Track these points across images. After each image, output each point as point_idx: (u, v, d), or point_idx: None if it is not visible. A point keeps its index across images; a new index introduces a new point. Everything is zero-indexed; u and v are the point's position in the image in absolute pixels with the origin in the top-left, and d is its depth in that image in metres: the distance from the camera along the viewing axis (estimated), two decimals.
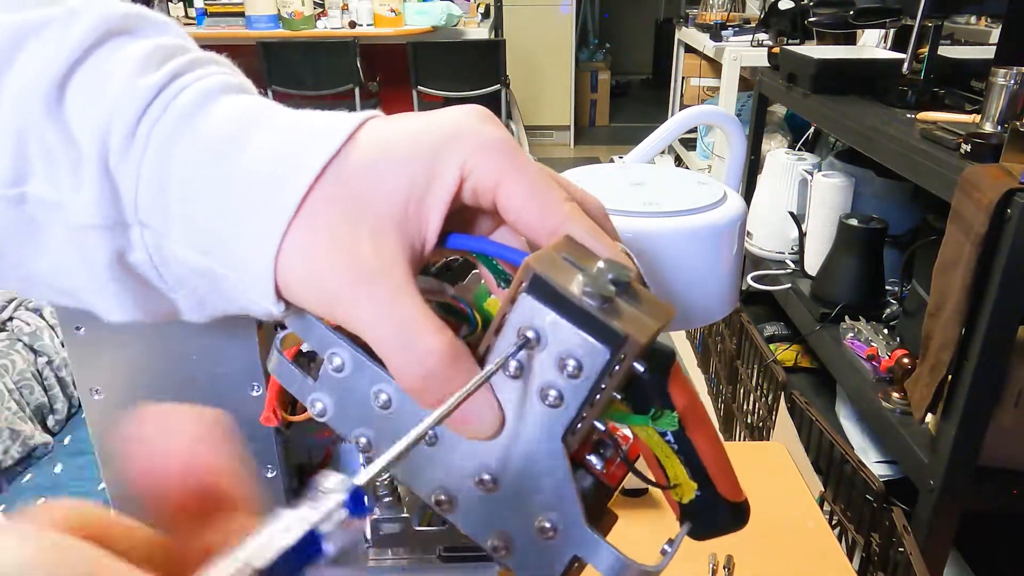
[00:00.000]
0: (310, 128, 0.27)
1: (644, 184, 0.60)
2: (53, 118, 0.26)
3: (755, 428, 1.74)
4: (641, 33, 6.78)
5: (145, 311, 0.30)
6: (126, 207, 0.27)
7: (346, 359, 0.27)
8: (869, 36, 2.18)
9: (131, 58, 0.27)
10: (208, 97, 0.27)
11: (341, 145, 0.26)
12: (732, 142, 0.78)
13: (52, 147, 0.26)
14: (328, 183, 0.26)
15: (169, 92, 0.27)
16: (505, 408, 0.25)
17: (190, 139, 0.26)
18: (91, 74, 0.27)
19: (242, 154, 0.26)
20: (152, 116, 0.26)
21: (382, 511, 0.46)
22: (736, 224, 0.57)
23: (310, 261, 0.25)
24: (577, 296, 0.23)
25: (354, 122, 0.27)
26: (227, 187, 0.26)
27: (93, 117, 0.26)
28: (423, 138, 0.27)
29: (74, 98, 0.27)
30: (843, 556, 0.78)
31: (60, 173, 0.27)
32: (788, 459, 0.93)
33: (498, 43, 3.59)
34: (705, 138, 3.36)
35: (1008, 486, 1.23)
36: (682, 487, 0.27)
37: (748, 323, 1.83)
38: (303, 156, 0.26)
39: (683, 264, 0.55)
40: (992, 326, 1.09)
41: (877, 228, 1.62)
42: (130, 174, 0.27)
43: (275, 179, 0.26)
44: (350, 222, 0.25)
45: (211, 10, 3.67)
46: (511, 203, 0.26)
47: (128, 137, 0.26)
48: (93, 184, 0.26)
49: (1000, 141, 1.15)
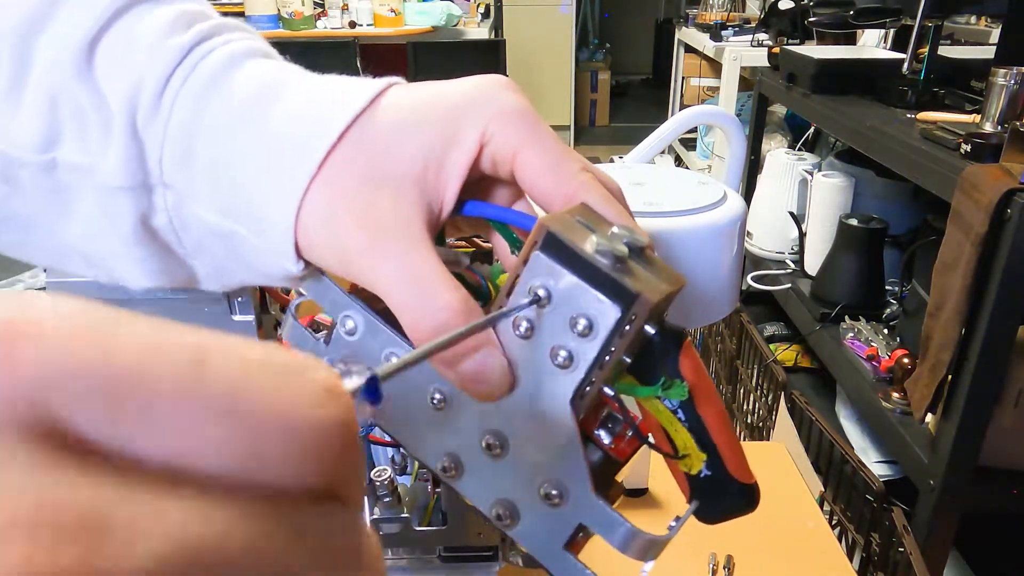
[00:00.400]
0: (334, 92, 0.27)
1: (644, 184, 0.60)
2: (84, 80, 0.27)
3: (755, 428, 1.74)
4: (641, 33, 6.78)
5: (168, 277, 0.30)
6: (151, 168, 0.27)
7: (359, 322, 0.27)
8: (869, 36, 2.18)
9: (160, 21, 0.28)
10: (235, 60, 0.28)
11: (363, 108, 0.27)
12: (732, 142, 0.78)
13: (83, 109, 0.27)
14: (349, 144, 0.26)
15: (197, 53, 0.27)
16: (515, 367, 0.25)
17: (218, 100, 0.27)
18: (119, 37, 0.27)
19: (267, 116, 0.27)
20: (180, 76, 0.27)
21: (382, 511, 0.46)
22: (736, 224, 0.57)
23: (329, 219, 0.26)
24: (590, 254, 0.23)
25: (377, 87, 0.27)
26: (252, 147, 0.26)
27: (123, 78, 0.27)
28: (444, 103, 0.27)
29: (103, 61, 0.27)
30: (843, 556, 0.78)
31: (90, 135, 0.27)
32: (788, 459, 0.93)
33: (498, 43, 3.59)
34: (705, 138, 3.36)
35: (1008, 486, 1.23)
36: (691, 457, 0.27)
37: (748, 323, 1.83)
38: (326, 118, 0.26)
39: (683, 264, 0.55)
40: (992, 326, 1.09)
41: (877, 228, 1.62)
42: (157, 133, 0.27)
43: (298, 140, 0.26)
44: (369, 182, 0.26)
45: None
46: (528, 171, 0.27)
47: (156, 97, 0.27)
48: (121, 145, 0.27)
49: (1000, 141, 1.15)
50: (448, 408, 0.26)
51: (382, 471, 0.45)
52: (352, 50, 3.37)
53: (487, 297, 0.30)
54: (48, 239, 0.29)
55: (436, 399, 0.26)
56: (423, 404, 0.27)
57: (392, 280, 0.25)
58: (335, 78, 0.29)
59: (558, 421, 0.25)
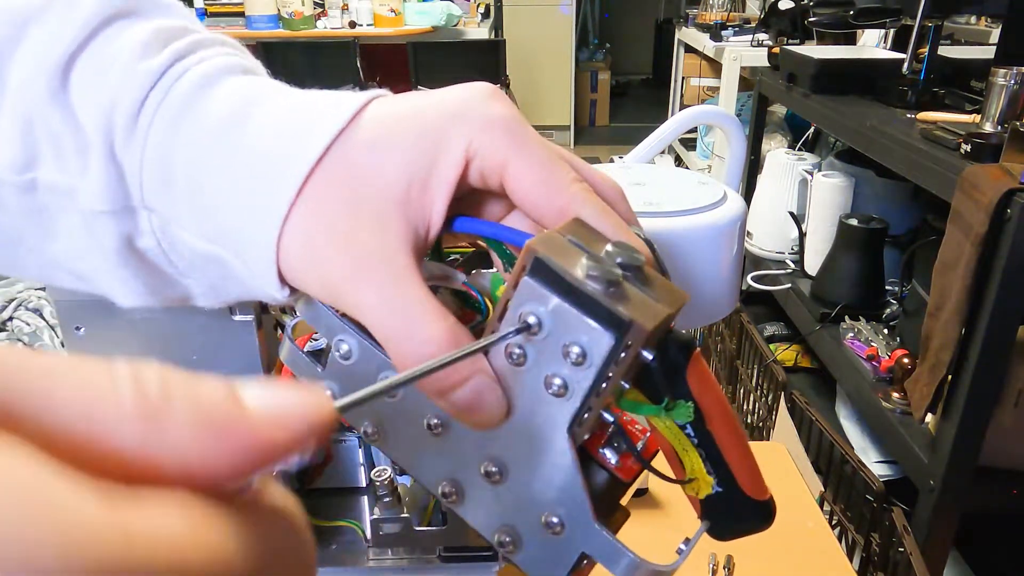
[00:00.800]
0: (313, 108, 0.26)
1: (644, 184, 0.60)
2: (58, 103, 0.26)
3: (755, 428, 1.74)
4: (641, 33, 6.78)
5: (157, 296, 0.30)
6: (132, 192, 0.27)
7: (353, 346, 0.27)
8: (869, 36, 2.18)
9: (133, 41, 0.27)
10: (210, 80, 0.27)
11: (344, 125, 0.25)
12: (732, 142, 0.78)
13: (58, 133, 0.26)
14: (330, 165, 0.25)
15: (171, 75, 0.27)
16: (510, 396, 0.24)
17: (192, 123, 0.26)
18: (94, 58, 0.27)
19: (243, 136, 0.26)
20: (154, 100, 0.26)
21: (382, 511, 0.46)
22: (736, 224, 0.57)
23: (311, 247, 0.25)
24: (580, 279, 0.22)
25: (358, 102, 0.26)
26: (230, 170, 0.26)
27: (97, 102, 0.26)
28: (427, 117, 0.26)
29: (78, 83, 0.26)
30: (843, 556, 0.78)
31: (68, 158, 0.26)
32: (788, 459, 0.93)
33: (498, 43, 3.59)
34: (705, 138, 3.36)
35: (1008, 486, 1.23)
36: (698, 481, 0.26)
37: (748, 323, 1.83)
38: (305, 137, 0.25)
39: (683, 264, 0.55)
40: (992, 326, 1.09)
41: (877, 228, 1.62)
42: (135, 159, 0.26)
43: (277, 161, 0.25)
44: (351, 206, 0.25)
45: (211, 10, 3.67)
46: (518, 184, 0.26)
47: (131, 122, 0.26)
48: (100, 169, 0.26)
49: (1000, 141, 1.15)
50: (446, 434, 0.26)
51: (382, 471, 0.45)
52: (352, 50, 3.37)
53: (485, 312, 0.29)
54: (35, 256, 0.29)
55: (433, 424, 0.26)
56: (420, 430, 0.26)
57: (375, 312, 0.24)
58: (315, 93, 0.28)
59: (556, 450, 0.24)
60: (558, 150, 0.27)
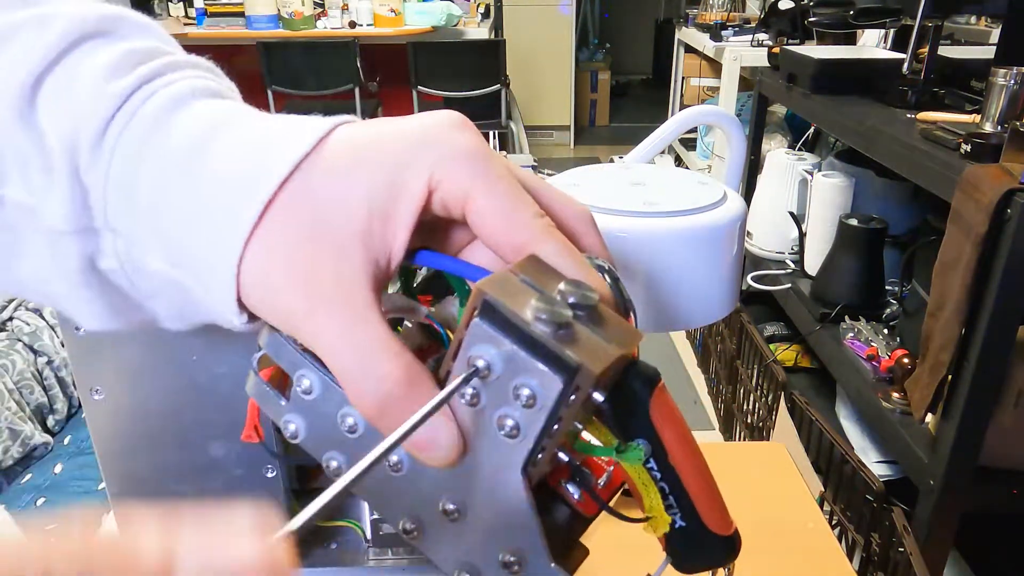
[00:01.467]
0: (277, 135, 0.26)
1: (644, 184, 0.60)
2: (25, 123, 0.26)
3: (755, 428, 1.74)
4: (641, 33, 6.78)
5: (122, 319, 0.29)
6: (96, 213, 0.27)
7: (314, 381, 0.26)
8: (869, 36, 2.18)
9: (102, 63, 0.27)
10: (177, 103, 0.27)
11: (307, 151, 0.25)
12: (732, 142, 0.78)
13: (24, 152, 0.26)
14: (292, 192, 0.25)
15: (137, 98, 0.26)
16: (466, 435, 0.24)
17: (157, 145, 0.26)
18: (62, 79, 0.26)
19: (207, 160, 0.25)
20: (120, 123, 0.26)
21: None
22: (736, 224, 0.57)
23: (268, 276, 0.25)
24: (529, 322, 0.22)
25: (322, 128, 0.26)
26: (192, 194, 0.25)
27: (63, 122, 0.26)
28: (390, 147, 0.26)
29: (46, 103, 0.26)
30: (843, 556, 0.78)
31: (33, 178, 0.26)
32: (788, 459, 0.93)
33: (498, 43, 3.59)
34: (705, 138, 3.36)
35: (1008, 486, 1.23)
36: (656, 519, 0.26)
37: (748, 323, 1.83)
38: (268, 163, 0.25)
39: (683, 264, 0.55)
40: (992, 326, 1.09)
41: (877, 228, 1.62)
42: (99, 181, 0.26)
43: (238, 187, 0.25)
44: (311, 236, 0.25)
45: (211, 10, 3.67)
46: (479, 217, 0.25)
47: (96, 144, 0.26)
48: (64, 189, 0.26)
49: (1000, 141, 1.15)
50: (404, 472, 0.26)
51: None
52: (352, 50, 3.37)
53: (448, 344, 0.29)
54: (4, 275, 0.29)
55: (393, 462, 0.26)
56: (381, 467, 0.26)
57: (333, 348, 0.24)
58: (284, 118, 0.27)
59: (511, 489, 0.24)
60: (525, 179, 0.27)
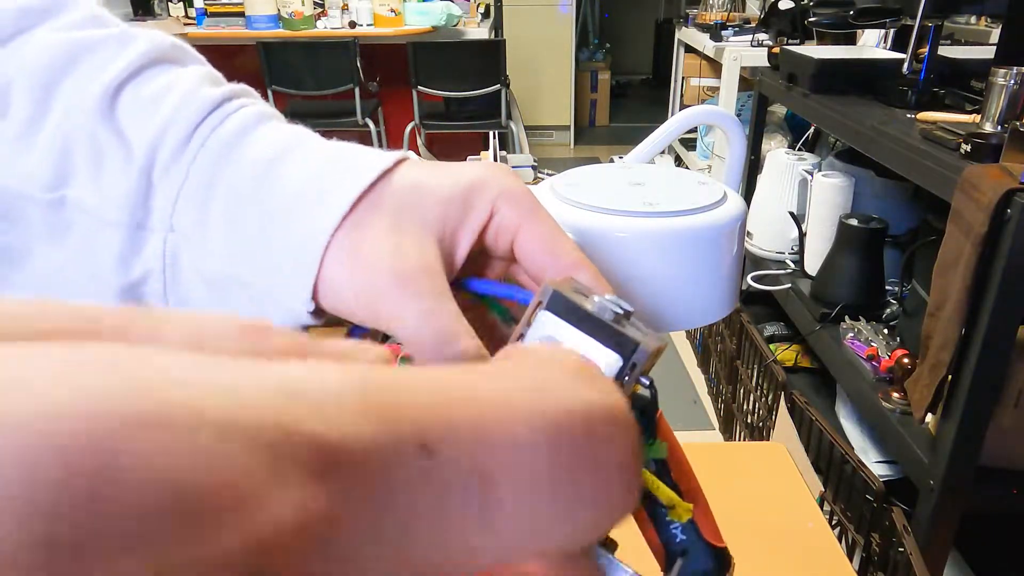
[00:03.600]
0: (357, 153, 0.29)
1: (644, 184, 0.60)
2: (106, 120, 0.28)
3: (755, 428, 1.74)
4: (641, 33, 6.78)
5: None
6: (155, 212, 0.28)
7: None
8: (869, 36, 2.18)
9: (191, 75, 0.30)
10: (261, 119, 0.30)
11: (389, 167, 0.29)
12: (732, 142, 0.78)
13: (102, 147, 0.28)
14: (374, 196, 0.28)
15: (228, 107, 0.29)
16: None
17: (244, 150, 0.29)
18: (143, 87, 0.29)
19: (294, 166, 0.28)
20: (210, 125, 0.29)
21: None
22: (736, 224, 0.57)
23: (355, 257, 0.27)
24: (591, 309, 0.25)
25: (395, 156, 0.29)
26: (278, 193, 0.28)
27: (148, 121, 0.28)
28: (459, 177, 0.29)
29: (127, 105, 0.29)
30: (843, 556, 0.78)
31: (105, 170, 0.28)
32: (788, 459, 0.93)
33: (498, 43, 3.59)
34: (705, 138, 3.36)
35: (1008, 486, 1.23)
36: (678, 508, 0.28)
37: (748, 323, 1.83)
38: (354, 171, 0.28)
39: (683, 264, 0.55)
40: (992, 326, 1.09)
41: (877, 228, 1.62)
42: (177, 177, 0.28)
43: (327, 186, 0.28)
44: (395, 229, 0.27)
45: (211, 10, 3.67)
46: (528, 245, 0.29)
47: (183, 141, 0.28)
48: (133, 182, 0.28)
49: (1000, 141, 1.15)
50: None
51: None
52: (352, 50, 3.37)
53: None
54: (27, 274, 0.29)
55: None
56: None
57: (414, 323, 0.26)
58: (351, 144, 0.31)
59: None
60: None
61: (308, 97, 3.48)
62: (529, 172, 3.85)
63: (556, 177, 0.67)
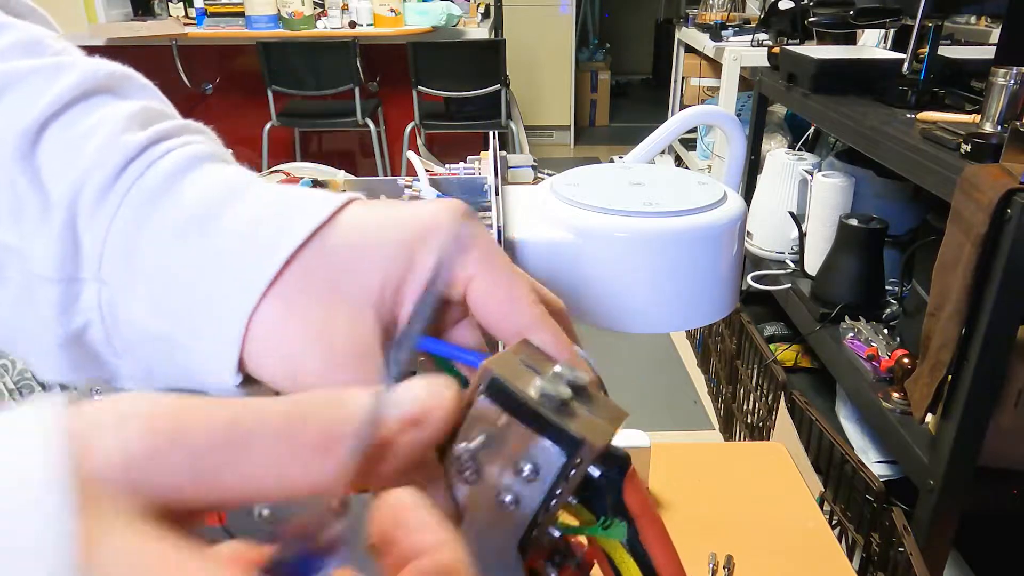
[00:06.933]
0: (295, 200, 0.27)
1: (644, 184, 0.60)
2: (24, 166, 0.26)
3: (755, 428, 1.74)
4: (641, 33, 6.78)
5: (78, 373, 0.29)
6: (85, 262, 0.27)
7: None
8: (869, 36, 2.18)
9: (117, 115, 0.27)
10: (193, 163, 0.27)
11: (324, 220, 0.26)
12: (732, 142, 0.78)
13: (21, 194, 0.26)
14: (309, 256, 0.26)
15: (153, 152, 0.27)
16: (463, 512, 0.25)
17: (171, 200, 0.26)
18: (68, 127, 0.27)
19: (224, 220, 0.26)
20: (133, 173, 0.26)
21: None
22: (736, 224, 0.57)
23: (282, 336, 0.25)
24: (534, 399, 0.23)
25: (337, 202, 0.27)
26: (204, 250, 0.26)
27: (68, 168, 0.26)
28: (403, 226, 0.27)
29: (48, 148, 0.27)
30: (843, 556, 0.78)
31: (26, 221, 0.26)
32: (788, 459, 0.93)
33: (498, 43, 3.58)
34: (705, 138, 3.36)
35: (1008, 486, 1.23)
36: None
37: (748, 323, 1.83)
38: (286, 226, 0.26)
39: (683, 264, 0.55)
40: (992, 326, 1.09)
41: (877, 228, 1.62)
42: (100, 228, 0.26)
43: (256, 246, 0.26)
44: (326, 301, 0.25)
45: (211, 10, 3.67)
46: (480, 300, 0.27)
47: (104, 191, 0.26)
48: (57, 237, 0.26)
49: (1000, 141, 1.15)
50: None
51: None
52: (352, 50, 3.37)
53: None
54: None
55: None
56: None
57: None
58: (293, 188, 0.28)
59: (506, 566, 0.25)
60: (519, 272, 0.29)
61: (308, 97, 3.48)
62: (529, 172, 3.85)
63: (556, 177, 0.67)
